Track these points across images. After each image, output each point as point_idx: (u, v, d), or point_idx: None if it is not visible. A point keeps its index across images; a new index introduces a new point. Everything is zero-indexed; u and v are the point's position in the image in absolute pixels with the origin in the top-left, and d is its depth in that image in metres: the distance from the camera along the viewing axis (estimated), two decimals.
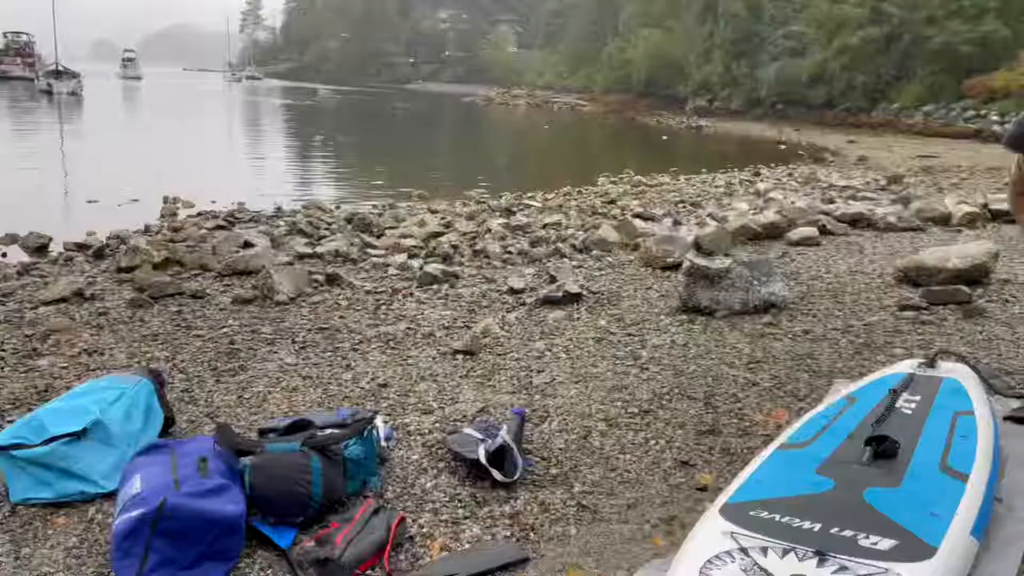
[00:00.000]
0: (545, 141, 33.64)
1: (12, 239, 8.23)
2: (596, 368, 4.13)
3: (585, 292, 5.61)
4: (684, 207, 11.05)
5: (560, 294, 5.45)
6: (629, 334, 4.73)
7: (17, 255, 7.71)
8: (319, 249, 7.34)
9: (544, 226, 8.67)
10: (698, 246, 6.70)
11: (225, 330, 4.87)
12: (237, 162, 19.57)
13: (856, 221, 8.54)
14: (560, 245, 7.29)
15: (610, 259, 6.89)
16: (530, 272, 6.43)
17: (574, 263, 6.75)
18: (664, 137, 34.65)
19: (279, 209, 10.82)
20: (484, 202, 11.76)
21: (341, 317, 5.22)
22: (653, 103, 53.35)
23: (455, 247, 7.46)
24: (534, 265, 6.74)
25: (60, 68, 44.55)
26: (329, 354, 4.45)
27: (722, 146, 30.91)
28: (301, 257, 7.08)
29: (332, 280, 6.14)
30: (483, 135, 36.36)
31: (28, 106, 33.47)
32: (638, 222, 8.53)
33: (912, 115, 32.93)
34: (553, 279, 5.92)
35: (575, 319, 5.10)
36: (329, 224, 9.19)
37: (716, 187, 14.27)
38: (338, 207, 11.19)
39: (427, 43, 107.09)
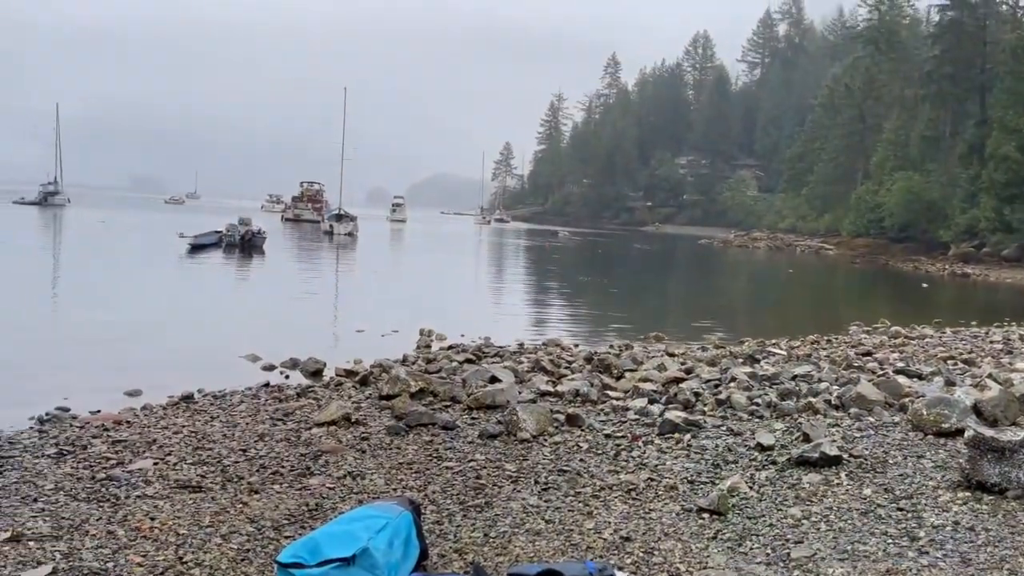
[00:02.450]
0: (787, 285, 32.41)
1: (294, 363, 9.29)
2: (864, 546, 3.70)
3: (845, 455, 5.14)
4: (955, 365, 9.95)
5: (816, 455, 5.04)
6: (901, 509, 4.22)
7: (297, 378, 8.66)
8: (560, 388, 7.47)
9: (793, 377, 8.18)
10: (979, 412, 5.96)
11: (472, 464, 5.03)
12: (483, 297, 20.89)
13: None
14: (812, 400, 6.81)
15: (871, 419, 6.30)
16: (780, 428, 6.04)
17: (829, 421, 6.25)
18: (924, 285, 31.97)
19: (521, 345, 11.26)
20: (724, 347, 11.43)
21: (581, 460, 5.20)
22: (909, 248, 49.88)
23: (697, 395, 7.24)
24: (784, 420, 6.34)
25: (341, 212, 50.98)
26: (571, 498, 4.42)
27: (994, 296, 27.91)
28: (543, 395, 7.25)
29: (572, 420, 6.19)
30: (721, 277, 35.90)
31: (313, 245, 38.52)
32: (902, 379, 7.78)
33: None
34: (807, 437, 5.51)
35: (834, 485, 4.66)
36: (569, 363, 9.38)
37: (992, 343, 12.75)
38: (577, 346, 11.43)
39: (664, 187, 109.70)
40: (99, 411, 6.53)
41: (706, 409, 6.78)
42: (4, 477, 4.58)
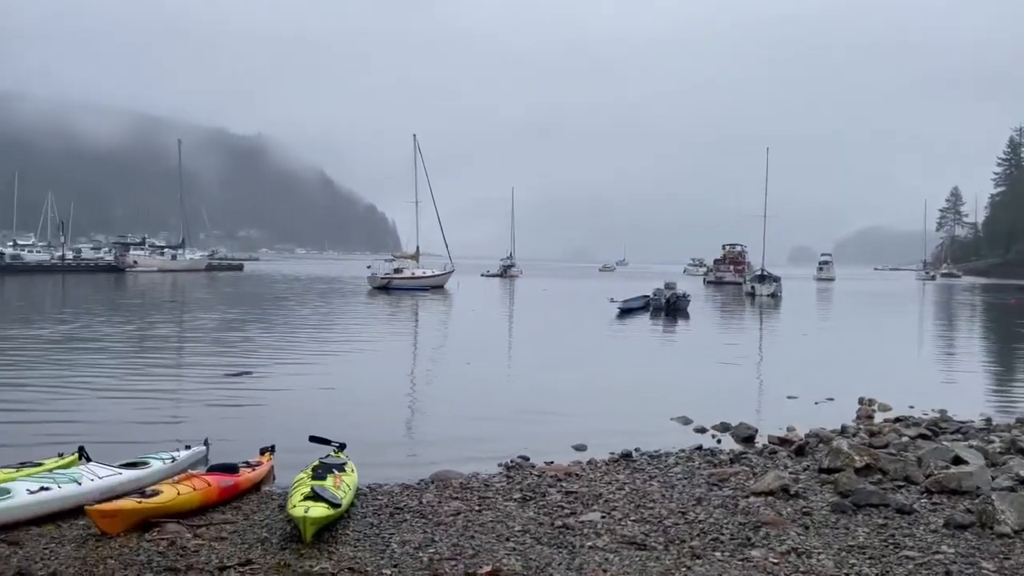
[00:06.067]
0: None
1: (725, 427, 9.23)
2: None
3: None
4: None
5: None
6: None
7: (729, 443, 8.57)
8: None
9: None
10: None
11: (939, 557, 4.42)
12: (932, 365, 18.46)
13: None
14: None
15: None
16: None
17: None
18: None
19: (989, 421, 9.68)
20: None
21: None
22: None
23: None
24: None
25: (764, 273, 49.95)
26: None
27: None
28: None
29: None
30: None
31: (736, 308, 38.21)
32: None
33: None
34: None
35: None
36: None
37: None
38: None
39: None
40: (552, 462, 7.22)
41: None
42: (483, 515, 5.30)
